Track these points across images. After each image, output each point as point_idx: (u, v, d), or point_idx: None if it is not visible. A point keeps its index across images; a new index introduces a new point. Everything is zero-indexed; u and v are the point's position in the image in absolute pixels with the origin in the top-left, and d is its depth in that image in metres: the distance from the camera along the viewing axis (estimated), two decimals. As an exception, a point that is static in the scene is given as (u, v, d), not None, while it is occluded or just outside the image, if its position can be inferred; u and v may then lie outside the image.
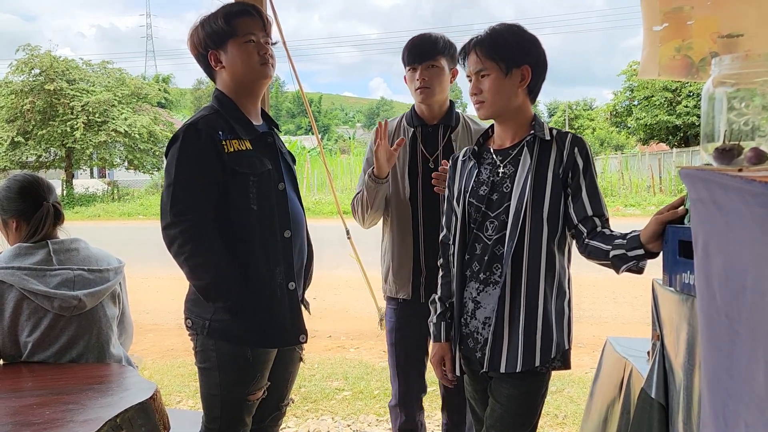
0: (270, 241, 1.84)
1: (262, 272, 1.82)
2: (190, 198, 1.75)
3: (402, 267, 2.30)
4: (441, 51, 2.23)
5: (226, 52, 1.85)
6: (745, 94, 1.23)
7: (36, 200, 1.98)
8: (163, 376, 4.40)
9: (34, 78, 23.45)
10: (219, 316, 1.80)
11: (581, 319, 5.71)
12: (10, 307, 1.87)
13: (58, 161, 25.07)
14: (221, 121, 1.83)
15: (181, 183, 1.76)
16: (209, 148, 1.77)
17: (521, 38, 1.73)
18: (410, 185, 2.28)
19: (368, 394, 3.86)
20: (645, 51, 2.20)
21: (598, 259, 1.64)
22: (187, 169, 1.77)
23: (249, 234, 1.81)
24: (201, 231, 1.75)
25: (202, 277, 1.77)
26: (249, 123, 1.89)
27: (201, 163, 1.77)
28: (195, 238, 1.74)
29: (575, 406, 3.60)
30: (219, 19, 1.84)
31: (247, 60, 1.85)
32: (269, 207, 1.84)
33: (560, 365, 1.74)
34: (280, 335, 1.89)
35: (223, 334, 1.82)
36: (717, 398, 1.05)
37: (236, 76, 1.87)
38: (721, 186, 0.98)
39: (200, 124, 1.80)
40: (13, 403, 1.59)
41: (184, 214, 1.74)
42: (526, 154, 1.73)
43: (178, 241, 1.74)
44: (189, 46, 1.91)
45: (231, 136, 1.81)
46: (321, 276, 2.17)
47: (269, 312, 1.84)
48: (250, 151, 1.84)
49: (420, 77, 2.22)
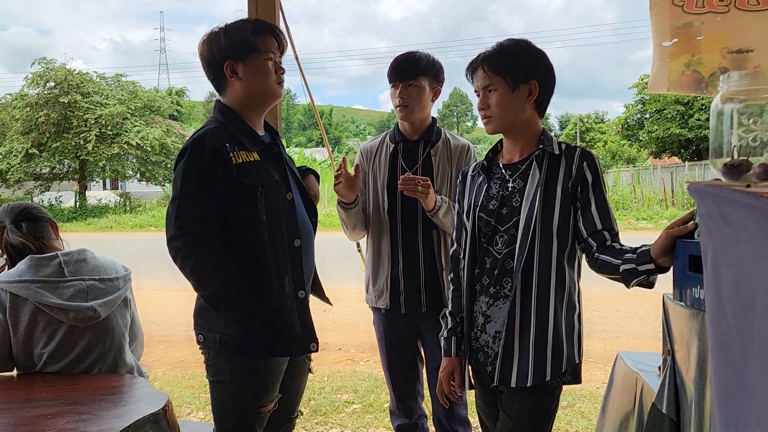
0: (280, 250, 1.85)
1: (272, 282, 1.83)
2: (193, 211, 1.77)
3: (379, 278, 2.38)
4: (422, 71, 2.29)
5: (245, 65, 1.86)
6: (754, 110, 1.24)
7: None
8: (174, 387, 4.41)
9: (49, 91, 23.76)
10: (229, 329, 1.81)
11: (592, 334, 5.67)
12: (25, 320, 1.90)
13: (71, 173, 25.34)
14: (227, 133, 1.85)
15: (186, 196, 1.78)
16: (215, 161, 1.79)
17: (528, 53, 1.74)
18: (389, 199, 2.35)
19: (378, 407, 3.85)
20: (654, 66, 2.21)
21: (608, 274, 1.65)
22: (192, 182, 1.79)
23: (258, 244, 1.82)
24: (204, 243, 1.76)
25: (207, 287, 1.78)
26: (255, 134, 1.91)
27: (206, 176, 1.78)
28: (198, 250, 1.75)
29: (586, 421, 3.57)
30: (247, 32, 1.85)
31: (266, 77, 1.88)
32: (278, 217, 1.86)
33: (571, 379, 1.74)
34: (292, 344, 1.89)
35: (235, 348, 1.82)
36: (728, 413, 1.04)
37: (251, 90, 1.88)
38: (730, 201, 0.99)
39: (207, 138, 1.82)
40: (27, 413, 1.61)
41: (187, 226, 1.75)
42: (535, 169, 1.74)
43: (181, 253, 1.75)
44: (203, 50, 1.89)
45: (239, 148, 1.83)
46: (331, 288, 2.19)
47: (280, 321, 1.84)
48: (258, 162, 1.86)
49: (399, 95, 2.30)
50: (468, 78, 1.82)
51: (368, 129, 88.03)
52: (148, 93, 26.72)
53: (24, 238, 2.01)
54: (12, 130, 24.14)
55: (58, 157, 23.97)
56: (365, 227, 2.42)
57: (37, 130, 23.55)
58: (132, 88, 25.83)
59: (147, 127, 24.54)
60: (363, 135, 78.87)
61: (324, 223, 17.10)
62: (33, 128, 23.63)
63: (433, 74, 2.33)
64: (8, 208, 2.09)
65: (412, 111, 2.31)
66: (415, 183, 2.14)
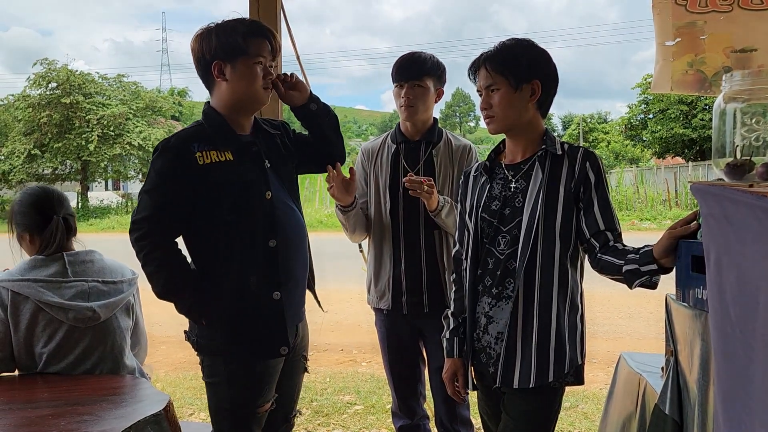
0: (248, 250, 1.84)
1: (235, 282, 1.84)
2: (147, 208, 1.81)
3: (381, 278, 2.38)
4: (428, 72, 2.30)
5: (234, 67, 1.84)
6: (757, 110, 1.23)
7: (46, 214, 2.00)
8: (176, 388, 4.41)
9: (51, 92, 23.82)
10: (202, 331, 1.86)
11: (595, 335, 5.66)
12: (26, 319, 1.90)
13: (73, 174, 25.38)
14: (201, 134, 1.86)
15: (144, 194, 1.84)
16: (176, 161, 1.82)
17: (531, 53, 1.74)
18: (391, 199, 2.35)
19: (380, 408, 3.84)
20: (657, 65, 2.20)
21: (610, 274, 1.64)
22: (151, 180, 1.84)
23: (221, 244, 1.84)
24: (154, 239, 1.81)
25: (155, 284, 1.83)
26: (232, 133, 1.89)
27: (165, 175, 1.82)
28: (147, 246, 1.80)
29: (589, 422, 3.56)
30: (238, 34, 1.83)
31: (252, 81, 1.86)
32: (250, 217, 1.84)
33: (573, 380, 1.73)
34: (259, 346, 1.86)
35: (207, 349, 1.88)
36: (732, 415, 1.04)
37: (236, 93, 1.86)
38: (732, 201, 0.98)
39: (173, 140, 1.86)
40: (29, 414, 1.61)
41: (140, 222, 1.81)
42: (537, 169, 1.73)
43: (135, 248, 1.82)
44: (194, 47, 1.89)
45: (208, 147, 1.84)
46: (333, 289, 2.20)
47: (244, 323, 1.85)
48: (230, 162, 1.85)
49: (405, 95, 2.30)
50: (470, 78, 1.81)
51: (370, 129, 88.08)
52: (150, 93, 26.80)
53: (62, 239, 2.00)
54: (14, 131, 24.21)
55: (60, 157, 24.02)
56: (366, 229, 2.42)
57: (39, 130, 23.61)
58: (134, 88, 25.89)
59: (149, 128, 24.59)
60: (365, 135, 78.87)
61: (326, 223, 17.15)
62: (35, 129, 23.69)
63: (437, 75, 2.34)
64: (52, 194, 2.05)
65: (417, 111, 2.31)
66: (421, 183, 2.14)
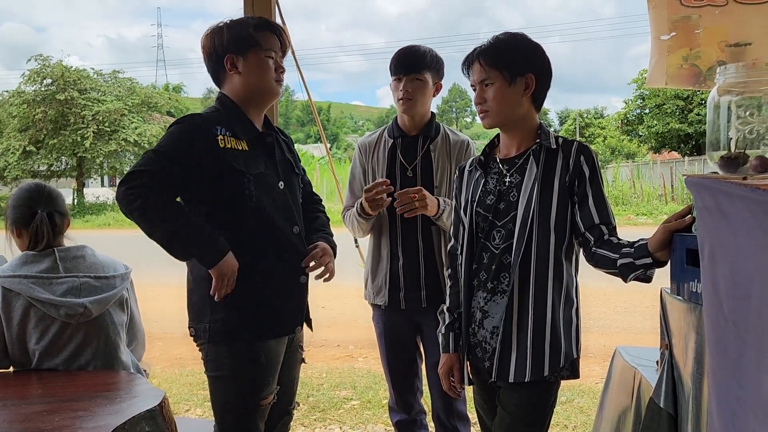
0: (278, 233, 1.88)
1: (267, 268, 1.86)
2: (153, 164, 1.75)
3: (378, 274, 2.37)
4: (427, 65, 2.29)
5: (246, 60, 1.87)
6: (751, 103, 1.23)
7: (30, 209, 1.99)
8: (172, 384, 4.41)
9: (46, 88, 23.69)
10: (217, 315, 1.82)
11: (590, 329, 5.67)
12: (18, 315, 1.89)
13: (69, 170, 25.27)
14: (223, 119, 1.87)
15: (153, 152, 1.78)
16: (198, 134, 1.81)
17: (524, 46, 1.74)
18: (387, 195, 2.31)
19: (376, 404, 3.85)
20: (653, 60, 2.20)
21: (605, 268, 1.64)
22: (166, 142, 1.80)
23: (253, 227, 1.85)
24: (152, 188, 1.72)
25: (158, 225, 1.73)
26: (249, 123, 1.91)
27: (184, 143, 1.79)
28: (145, 193, 1.71)
29: (585, 416, 3.58)
30: (249, 27, 1.88)
31: (265, 73, 1.89)
32: (274, 203, 1.88)
33: (569, 374, 1.73)
34: (283, 325, 1.93)
35: (224, 334, 1.83)
36: (725, 407, 1.04)
37: (249, 85, 1.89)
38: (727, 194, 0.98)
39: (199, 117, 1.88)
40: (23, 410, 1.60)
41: (139, 174, 1.73)
42: (532, 163, 1.73)
43: (129, 196, 1.71)
44: (205, 43, 1.92)
45: (229, 134, 1.85)
46: (329, 285, 2.18)
47: (273, 304, 1.88)
48: (245, 152, 1.87)
49: (404, 89, 2.28)
50: (464, 72, 1.81)
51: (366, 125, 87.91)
52: (146, 89, 26.66)
53: (49, 235, 1.98)
54: (9, 127, 24.05)
55: (56, 154, 23.89)
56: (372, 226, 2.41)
57: (34, 127, 23.48)
58: (129, 84, 25.74)
59: (144, 124, 24.49)
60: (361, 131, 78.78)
61: (322, 219, 17.11)
62: (30, 125, 23.56)
63: (436, 69, 2.33)
64: (41, 190, 2.03)
65: (416, 104, 2.30)
66: (410, 198, 2.13)
